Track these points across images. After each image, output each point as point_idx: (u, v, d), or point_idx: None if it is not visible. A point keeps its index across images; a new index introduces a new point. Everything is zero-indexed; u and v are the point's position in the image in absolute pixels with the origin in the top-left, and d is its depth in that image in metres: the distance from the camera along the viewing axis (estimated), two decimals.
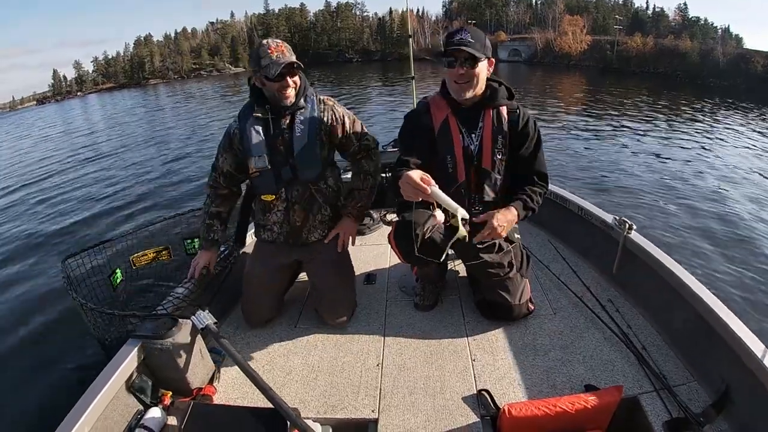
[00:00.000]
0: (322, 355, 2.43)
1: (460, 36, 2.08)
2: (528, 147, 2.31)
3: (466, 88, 2.17)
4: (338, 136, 2.53)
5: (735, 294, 4.77)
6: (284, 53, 2.26)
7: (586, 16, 75.26)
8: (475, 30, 2.13)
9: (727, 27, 68.60)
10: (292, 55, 2.29)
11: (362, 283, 3.06)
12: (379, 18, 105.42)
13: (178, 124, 22.37)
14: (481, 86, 2.21)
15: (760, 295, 4.80)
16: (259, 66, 2.25)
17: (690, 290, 2.12)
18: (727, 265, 5.50)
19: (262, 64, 2.23)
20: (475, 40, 2.09)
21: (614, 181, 9.02)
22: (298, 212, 2.54)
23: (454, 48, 2.08)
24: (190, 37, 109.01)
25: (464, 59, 2.09)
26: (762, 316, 4.39)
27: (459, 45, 2.06)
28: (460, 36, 2.08)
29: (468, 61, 2.09)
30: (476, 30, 2.14)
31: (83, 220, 8.32)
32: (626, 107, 21.68)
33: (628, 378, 2.08)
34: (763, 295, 4.78)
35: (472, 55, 2.07)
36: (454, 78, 2.15)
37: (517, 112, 2.29)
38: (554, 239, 3.39)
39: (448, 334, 2.50)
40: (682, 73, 49.45)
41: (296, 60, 2.28)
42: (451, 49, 2.09)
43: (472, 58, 2.08)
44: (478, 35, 2.12)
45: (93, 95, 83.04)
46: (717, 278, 5.14)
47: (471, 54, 2.06)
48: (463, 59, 2.10)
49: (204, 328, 2.09)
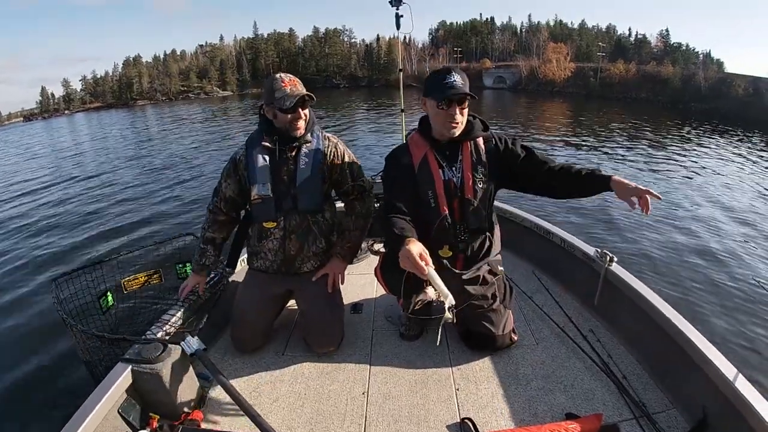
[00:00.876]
0: (308, 382, 2.45)
1: (453, 79, 2.15)
2: (519, 153, 2.36)
3: (458, 128, 2.25)
4: (336, 172, 2.62)
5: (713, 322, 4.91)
6: (297, 86, 2.38)
7: (570, 44, 76.97)
8: (459, 71, 2.21)
9: (709, 52, 69.96)
10: (303, 88, 2.40)
11: (349, 312, 3.09)
12: (366, 44, 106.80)
13: (169, 147, 22.47)
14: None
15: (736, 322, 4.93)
16: (273, 98, 2.35)
17: (668, 320, 2.19)
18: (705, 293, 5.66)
19: (276, 96, 2.34)
20: (465, 82, 2.17)
21: (596, 207, 9.12)
22: (294, 242, 2.60)
23: (451, 93, 2.14)
24: (179, 59, 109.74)
25: (460, 102, 2.18)
26: (739, 342, 4.47)
27: (454, 89, 2.14)
28: (453, 79, 2.15)
29: (461, 101, 2.18)
30: (459, 70, 2.21)
31: (73, 241, 8.32)
32: (609, 133, 22.23)
33: (608, 406, 2.12)
34: (739, 323, 4.90)
35: (468, 96, 2.16)
36: (448, 119, 2.21)
37: (492, 140, 2.38)
38: (538, 270, 3.45)
39: (433, 364, 2.53)
40: (664, 98, 50.43)
41: (309, 92, 2.39)
42: (450, 94, 2.15)
43: (461, 99, 2.17)
44: (463, 76, 2.20)
45: (80, 114, 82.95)
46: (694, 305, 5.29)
47: (467, 95, 2.16)
48: (458, 102, 2.18)
49: (193, 353, 2.13)
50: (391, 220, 2.15)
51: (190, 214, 9.61)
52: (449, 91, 2.14)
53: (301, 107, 2.40)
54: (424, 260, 1.91)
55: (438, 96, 2.17)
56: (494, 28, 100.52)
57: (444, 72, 2.19)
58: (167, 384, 2.07)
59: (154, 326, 2.36)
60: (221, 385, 2.02)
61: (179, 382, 2.13)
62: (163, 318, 2.44)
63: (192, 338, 2.17)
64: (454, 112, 2.18)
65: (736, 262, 6.77)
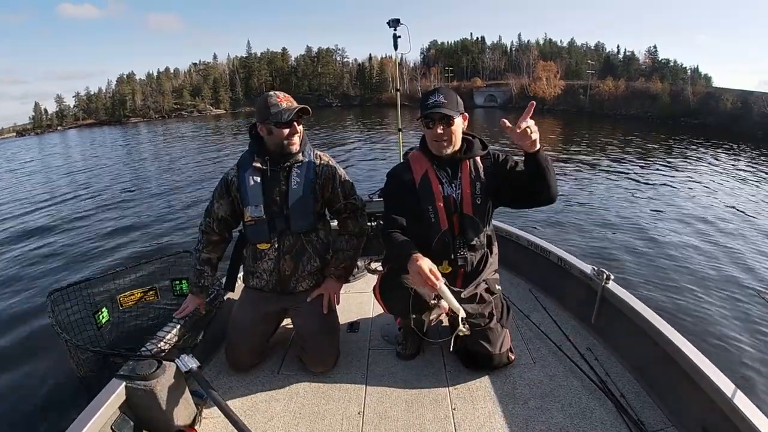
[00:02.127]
0: (303, 401, 2.44)
1: (435, 98, 2.23)
2: (514, 167, 2.39)
3: (446, 146, 2.31)
4: (328, 191, 2.63)
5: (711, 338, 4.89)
6: (292, 102, 2.42)
7: (560, 62, 78.09)
8: (447, 90, 2.29)
9: (696, 67, 70.86)
10: (296, 104, 2.44)
11: (345, 330, 3.09)
12: (359, 64, 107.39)
13: (163, 165, 22.53)
14: (459, 141, 2.35)
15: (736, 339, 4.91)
16: (269, 114, 2.37)
17: (666, 338, 2.20)
18: (703, 308, 5.65)
19: (272, 111, 2.36)
20: (449, 101, 2.24)
21: (591, 224, 9.20)
22: (288, 262, 2.60)
23: (429, 111, 2.22)
24: (173, 76, 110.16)
25: (440, 119, 2.24)
26: (739, 359, 4.46)
27: (434, 108, 2.21)
28: (435, 98, 2.23)
29: (444, 120, 2.24)
30: (449, 90, 2.30)
31: (69, 257, 8.34)
32: (600, 150, 22.36)
33: (606, 425, 2.12)
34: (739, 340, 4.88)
35: (446, 115, 2.21)
36: (433, 138, 2.29)
37: (489, 157, 2.44)
38: (535, 289, 3.46)
39: (429, 383, 2.53)
40: (653, 114, 50.90)
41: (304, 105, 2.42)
42: (428, 113, 2.23)
43: (446, 117, 2.23)
44: (450, 95, 2.27)
45: (73, 131, 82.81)
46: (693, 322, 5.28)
47: (445, 114, 2.21)
48: (439, 119, 2.24)
49: (188, 371, 2.12)
50: (393, 236, 2.22)
51: (185, 231, 9.65)
52: (426, 110, 2.23)
53: (297, 122, 2.43)
54: (434, 275, 1.94)
55: (421, 116, 2.27)
56: (485, 47, 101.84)
57: (430, 92, 2.28)
58: (161, 401, 2.06)
59: (148, 343, 2.35)
60: (215, 403, 2.01)
61: (173, 399, 2.13)
62: (158, 334, 2.43)
63: (187, 356, 2.16)
64: (437, 130, 2.25)
65: (735, 277, 6.80)
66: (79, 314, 2.55)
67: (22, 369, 4.42)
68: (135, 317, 2.88)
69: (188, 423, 2.22)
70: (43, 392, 3.95)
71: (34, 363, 4.48)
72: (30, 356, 4.63)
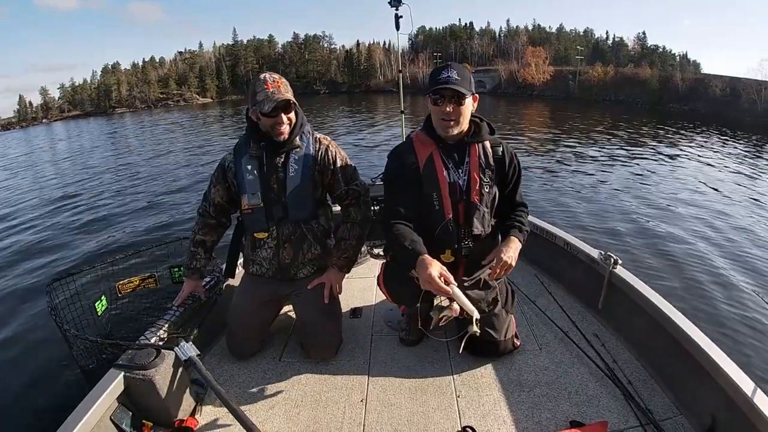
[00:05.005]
0: (305, 389, 2.42)
1: (447, 74, 2.13)
2: (512, 180, 2.39)
3: (453, 126, 2.21)
4: (328, 176, 2.56)
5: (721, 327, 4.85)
6: (280, 89, 2.31)
7: (548, 48, 78.30)
8: (460, 67, 2.19)
9: (685, 53, 71.28)
10: (288, 91, 2.34)
11: (348, 317, 3.07)
12: (346, 50, 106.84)
13: (152, 154, 22.24)
14: (466, 122, 2.26)
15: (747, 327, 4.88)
16: (255, 100, 2.30)
17: (675, 324, 2.17)
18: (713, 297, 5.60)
19: (258, 98, 2.29)
20: (461, 78, 2.14)
21: (585, 209, 9.24)
22: (288, 250, 2.56)
23: (441, 87, 2.12)
24: (158, 66, 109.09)
25: (451, 97, 2.14)
26: (750, 347, 4.44)
27: (446, 83, 2.11)
28: (447, 74, 2.13)
29: (454, 98, 2.14)
30: (461, 67, 2.19)
31: (68, 246, 8.29)
32: (590, 136, 22.39)
33: (613, 413, 2.10)
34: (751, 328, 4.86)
35: (458, 92, 2.12)
36: (440, 116, 2.19)
37: (500, 146, 2.36)
38: (541, 274, 3.44)
39: (433, 370, 2.51)
40: (642, 100, 51.06)
41: (292, 98, 2.33)
42: (439, 88, 2.13)
43: (458, 95, 2.13)
44: (463, 72, 2.17)
45: (59, 123, 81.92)
46: (703, 310, 5.23)
47: (457, 92, 2.11)
48: (449, 97, 2.14)
49: (187, 360, 2.10)
50: (398, 231, 2.15)
51: (184, 218, 9.59)
52: (437, 85, 2.13)
53: (284, 111, 2.34)
54: (446, 280, 1.92)
55: (429, 91, 2.17)
56: (473, 33, 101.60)
57: (442, 67, 2.18)
58: (160, 390, 2.04)
59: (147, 331, 2.33)
60: (215, 392, 1.99)
61: (173, 388, 2.11)
62: (158, 323, 2.41)
63: (186, 344, 2.15)
64: (445, 108, 2.16)
65: (743, 264, 6.77)
66: (78, 303, 2.52)
67: (22, 359, 4.42)
68: (135, 305, 2.88)
69: (188, 412, 2.21)
70: (43, 382, 3.95)
71: (34, 353, 4.48)
72: (29, 347, 4.63)
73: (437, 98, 2.16)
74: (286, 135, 2.40)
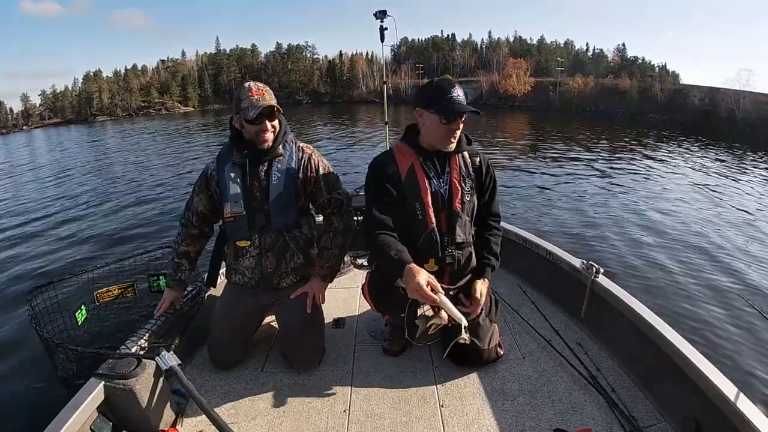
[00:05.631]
0: (288, 399, 2.40)
1: (458, 93, 2.17)
2: (488, 189, 2.44)
3: (455, 142, 2.28)
4: (310, 185, 2.56)
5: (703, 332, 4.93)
6: (264, 96, 2.32)
7: (529, 59, 79.17)
8: (457, 83, 2.23)
9: (664, 64, 72.39)
10: (272, 99, 2.36)
11: (330, 327, 3.05)
12: (329, 61, 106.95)
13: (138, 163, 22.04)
14: None
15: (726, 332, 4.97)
16: (240, 108, 2.30)
17: (657, 332, 2.20)
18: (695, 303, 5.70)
19: (242, 105, 2.29)
20: (466, 96, 2.21)
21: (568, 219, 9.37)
22: (271, 259, 2.54)
23: (458, 106, 2.16)
24: (140, 74, 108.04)
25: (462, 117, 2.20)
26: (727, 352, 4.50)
27: (460, 104, 2.17)
28: (458, 93, 2.17)
29: (463, 116, 2.20)
30: (457, 83, 2.23)
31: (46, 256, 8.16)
32: (571, 146, 22.82)
33: (597, 421, 2.11)
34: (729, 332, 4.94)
35: (475, 111, 2.21)
36: (448, 134, 2.23)
37: (477, 156, 2.41)
38: (524, 283, 3.46)
39: (417, 380, 2.50)
40: (622, 110, 51.74)
41: (276, 104, 2.34)
42: (457, 108, 2.16)
43: (469, 113, 2.19)
44: (463, 90, 2.22)
45: (38, 130, 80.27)
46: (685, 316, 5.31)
47: (474, 112, 2.20)
48: (461, 117, 2.20)
49: (168, 369, 2.08)
50: (382, 241, 2.15)
51: (161, 227, 9.55)
52: (456, 107, 2.16)
53: (268, 119, 2.35)
54: (434, 289, 1.93)
55: (442, 110, 2.17)
56: (455, 44, 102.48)
57: (446, 86, 2.19)
58: (141, 400, 2.02)
59: (128, 340, 2.30)
60: (196, 402, 1.96)
61: (154, 398, 2.08)
62: (138, 332, 2.38)
63: (167, 353, 2.12)
64: (456, 128, 2.21)
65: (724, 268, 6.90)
66: (59, 312, 2.50)
67: (2, 374, 4.31)
68: (115, 314, 2.85)
69: (169, 423, 2.18)
70: (21, 393, 3.88)
71: (12, 363, 4.41)
72: (7, 356, 4.55)
73: (449, 116, 2.17)
74: (270, 142, 2.40)
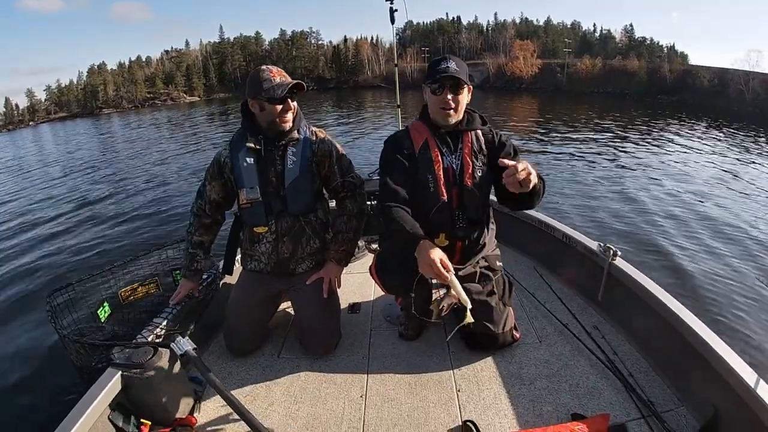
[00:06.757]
0: (304, 385, 2.41)
1: (446, 64, 2.20)
2: (510, 152, 2.38)
3: (452, 114, 2.27)
4: (324, 168, 2.56)
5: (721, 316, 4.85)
6: (285, 77, 2.34)
7: (536, 41, 78.59)
8: (457, 58, 2.25)
9: (673, 45, 71.57)
10: (290, 78, 2.36)
11: (346, 312, 3.07)
12: (334, 46, 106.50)
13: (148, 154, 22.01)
14: (462, 111, 2.32)
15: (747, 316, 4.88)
16: (261, 89, 2.28)
17: (675, 315, 2.16)
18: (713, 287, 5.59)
19: (265, 86, 2.28)
20: (459, 68, 2.21)
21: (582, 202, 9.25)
22: (287, 244, 2.55)
23: (442, 75, 2.18)
24: (145, 65, 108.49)
25: (450, 85, 2.21)
26: (750, 338, 4.44)
27: (446, 72, 2.17)
28: (446, 64, 2.20)
29: (454, 87, 2.21)
30: (459, 59, 2.26)
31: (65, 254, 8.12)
32: (580, 129, 22.45)
33: (615, 405, 2.10)
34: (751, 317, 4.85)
35: (458, 81, 2.19)
36: (440, 104, 2.25)
37: (491, 133, 2.41)
38: (539, 266, 3.44)
39: (433, 365, 2.50)
40: (630, 91, 51.33)
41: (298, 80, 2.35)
42: (440, 77, 2.18)
43: (457, 84, 2.20)
44: (461, 64, 2.24)
45: (45, 125, 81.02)
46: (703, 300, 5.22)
47: (458, 80, 2.19)
48: (449, 85, 2.21)
49: (183, 354, 2.08)
50: (396, 214, 2.16)
51: (177, 219, 9.51)
52: (438, 74, 2.18)
53: (290, 98, 2.35)
54: (445, 267, 1.92)
55: (429, 80, 2.24)
56: (461, 27, 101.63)
57: (441, 59, 2.24)
58: (158, 389, 2.04)
59: (144, 330, 2.33)
60: (213, 386, 1.99)
61: (171, 386, 2.10)
62: (154, 321, 2.41)
63: (182, 339, 2.13)
64: (445, 97, 2.21)
65: (746, 253, 6.75)
66: (80, 312, 2.52)
67: (19, 366, 4.37)
68: (138, 309, 2.85)
69: (187, 410, 2.20)
70: (40, 384, 3.93)
71: (32, 356, 4.46)
72: (28, 353, 4.58)
73: (437, 87, 2.22)
74: (291, 123, 2.41)
